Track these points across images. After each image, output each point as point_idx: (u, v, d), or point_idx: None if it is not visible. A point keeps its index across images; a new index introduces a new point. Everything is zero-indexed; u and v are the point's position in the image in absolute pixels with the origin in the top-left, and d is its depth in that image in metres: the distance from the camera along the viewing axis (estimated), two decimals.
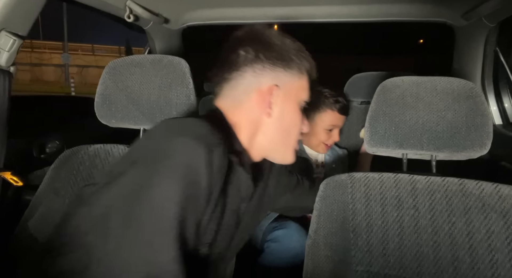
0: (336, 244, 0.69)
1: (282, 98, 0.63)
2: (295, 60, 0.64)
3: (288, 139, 0.67)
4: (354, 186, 0.71)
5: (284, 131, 0.66)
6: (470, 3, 1.16)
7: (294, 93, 0.65)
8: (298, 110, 0.67)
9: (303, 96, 0.67)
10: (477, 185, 0.65)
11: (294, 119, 0.66)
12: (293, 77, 0.64)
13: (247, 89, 0.62)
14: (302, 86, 0.67)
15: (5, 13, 0.72)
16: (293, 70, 0.64)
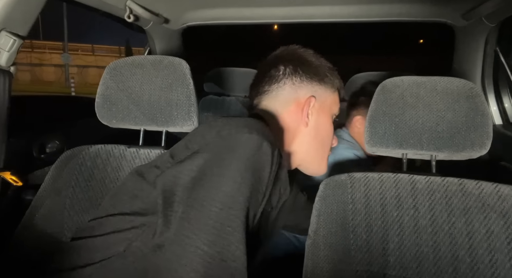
0: (336, 244, 0.69)
1: (318, 109, 0.69)
2: (329, 76, 0.71)
3: (322, 149, 0.72)
4: (354, 186, 0.71)
5: (319, 141, 0.71)
6: (470, 3, 1.16)
7: (328, 105, 0.71)
8: (331, 123, 0.72)
9: (335, 110, 0.74)
10: (477, 185, 0.65)
11: (328, 130, 0.72)
12: (327, 91, 0.71)
13: (286, 100, 0.68)
14: (335, 100, 0.73)
15: (5, 13, 0.72)
16: (327, 85, 0.71)
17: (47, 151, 1.19)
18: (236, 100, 1.76)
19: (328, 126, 0.72)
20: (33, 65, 22.90)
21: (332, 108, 0.73)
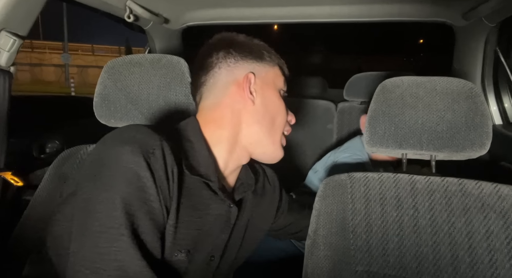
0: (336, 244, 0.69)
1: (261, 85, 0.66)
2: (265, 53, 0.68)
3: (273, 127, 0.67)
4: (354, 186, 0.71)
5: (269, 117, 0.66)
6: (470, 3, 1.16)
7: (271, 80, 0.68)
8: (280, 97, 0.69)
9: (280, 84, 0.70)
10: (477, 185, 0.65)
11: (277, 105, 0.68)
12: (266, 67, 0.67)
13: (225, 84, 0.65)
14: (277, 74, 0.69)
15: (5, 13, 0.72)
16: (264, 61, 0.67)
17: (47, 151, 1.19)
18: None
19: (277, 101, 0.68)
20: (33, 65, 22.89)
21: (277, 83, 0.69)
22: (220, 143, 0.64)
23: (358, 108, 1.69)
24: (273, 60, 0.69)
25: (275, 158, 0.69)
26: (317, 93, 2.29)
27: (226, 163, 0.65)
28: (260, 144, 0.66)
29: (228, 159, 0.65)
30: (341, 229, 0.70)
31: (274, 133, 0.67)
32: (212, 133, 0.64)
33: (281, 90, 0.70)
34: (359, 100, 1.70)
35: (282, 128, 0.69)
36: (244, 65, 0.65)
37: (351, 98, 1.72)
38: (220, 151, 0.64)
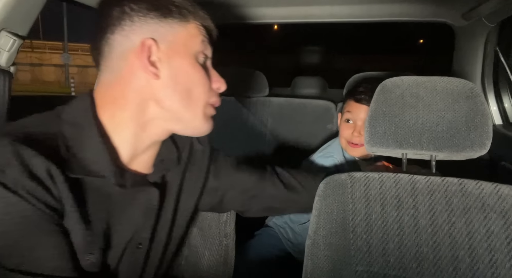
0: (336, 244, 0.69)
1: (167, 53, 0.53)
2: (173, 8, 0.54)
3: (191, 102, 0.56)
4: (354, 186, 0.71)
5: (182, 92, 0.55)
6: (470, 3, 1.16)
7: (182, 44, 0.55)
8: (197, 64, 0.57)
9: (197, 47, 0.56)
10: (477, 185, 0.65)
11: (192, 76, 0.56)
12: (174, 26, 0.54)
13: (121, 53, 0.52)
14: (191, 35, 0.56)
15: (5, 13, 0.72)
16: (173, 18, 0.54)
17: None
18: (236, 100, 1.76)
19: (190, 70, 0.56)
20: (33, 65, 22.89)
21: (191, 46, 0.56)
22: (122, 127, 0.54)
23: None
24: (185, 15, 0.55)
25: (201, 132, 0.60)
26: (317, 93, 2.28)
27: (134, 147, 0.56)
28: (177, 121, 0.57)
29: (136, 141, 0.56)
30: (341, 229, 0.70)
31: (193, 106, 0.56)
32: (111, 115, 0.53)
33: (201, 54, 0.57)
34: None
35: (204, 99, 0.57)
36: (143, 27, 0.52)
37: None
38: (124, 136, 0.54)
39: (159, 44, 0.53)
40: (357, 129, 1.06)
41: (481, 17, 1.16)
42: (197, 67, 0.56)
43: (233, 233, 0.79)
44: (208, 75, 0.59)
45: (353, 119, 1.07)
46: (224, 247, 0.77)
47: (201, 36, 0.57)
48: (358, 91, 1.07)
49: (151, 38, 0.52)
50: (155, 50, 0.52)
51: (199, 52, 0.57)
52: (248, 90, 1.76)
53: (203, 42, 0.57)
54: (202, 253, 0.77)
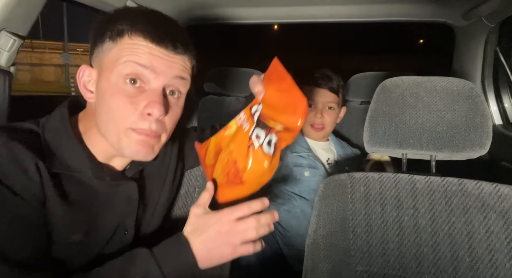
0: (336, 244, 0.69)
1: (97, 77, 0.58)
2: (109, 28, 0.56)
3: (112, 125, 0.56)
4: (354, 186, 0.71)
5: (104, 115, 0.57)
6: (470, 3, 1.16)
7: (107, 67, 0.56)
8: (119, 87, 0.55)
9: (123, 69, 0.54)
10: (477, 185, 0.65)
11: (110, 99, 0.55)
12: (105, 50, 0.56)
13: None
14: (117, 57, 0.55)
15: (5, 13, 0.72)
16: (107, 42, 0.56)
17: None
18: (236, 100, 1.76)
19: (109, 93, 0.55)
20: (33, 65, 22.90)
21: (116, 68, 0.54)
22: (92, 134, 0.60)
23: (358, 108, 1.69)
24: (119, 34, 0.55)
25: (131, 154, 0.58)
26: None
27: (106, 151, 0.61)
28: (107, 139, 0.58)
29: (106, 147, 0.60)
30: (341, 229, 0.70)
31: (114, 131, 0.56)
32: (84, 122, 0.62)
33: (129, 75, 0.54)
34: (359, 100, 1.70)
35: (123, 125, 0.55)
36: (92, 52, 0.59)
37: (351, 98, 1.72)
38: (95, 141, 0.60)
39: (94, 69, 0.59)
40: (319, 111, 1.16)
41: (481, 17, 1.16)
42: (115, 91, 0.54)
43: None
44: (137, 100, 0.55)
45: (313, 103, 1.17)
46: None
47: (133, 55, 0.54)
48: (316, 77, 1.17)
49: (88, 64, 0.59)
50: (87, 74, 0.59)
51: (126, 74, 0.54)
52: (248, 90, 1.76)
53: (134, 62, 0.54)
54: None
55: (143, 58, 0.54)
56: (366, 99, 1.67)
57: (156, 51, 0.55)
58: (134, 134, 0.56)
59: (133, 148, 0.57)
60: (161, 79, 0.56)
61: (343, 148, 1.28)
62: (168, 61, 0.56)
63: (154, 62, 0.55)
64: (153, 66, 0.55)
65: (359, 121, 1.65)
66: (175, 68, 0.58)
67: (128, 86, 0.55)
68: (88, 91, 0.59)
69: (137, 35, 0.55)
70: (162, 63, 0.56)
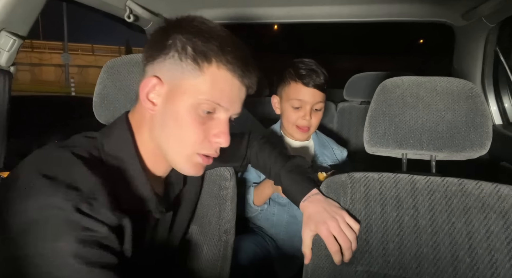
0: None
1: (167, 94, 0.56)
2: (191, 51, 0.55)
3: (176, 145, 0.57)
4: (354, 186, 0.71)
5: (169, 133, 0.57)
6: (470, 3, 1.16)
7: (184, 91, 0.56)
8: (193, 114, 0.56)
9: (200, 97, 0.55)
10: (477, 185, 0.65)
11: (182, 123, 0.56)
12: (185, 72, 0.55)
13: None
14: (199, 85, 0.55)
15: (5, 13, 0.72)
16: (186, 64, 0.55)
17: None
18: None
19: (182, 117, 0.55)
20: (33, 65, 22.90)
21: (194, 95, 0.54)
22: (145, 150, 0.58)
23: (358, 108, 1.69)
24: (201, 63, 0.54)
25: (185, 172, 0.60)
26: None
27: (155, 169, 0.61)
28: (166, 154, 0.58)
29: (154, 165, 0.60)
30: None
31: (177, 150, 0.57)
32: (142, 137, 0.58)
33: (204, 105, 0.55)
34: (359, 100, 1.70)
35: (191, 149, 0.57)
36: (160, 65, 0.55)
37: (351, 98, 1.72)
38: (152, 160, 0.59)
39: (164, 84, 0.55)
40: (307, 113, 1.05)
41: (481, 17, 1.16)
42: (191, 117, 0.55)
43: (233, 230, 0.79)
44: (207, 127, 0.57)
45: (302, 103, 1.06)
46: (224, 243, 0.78)
47: (216, 95, 0.55)
48: (303, 74, 1.04)
49: (156, 76, 0.55)
50: (157, 88, 0.55)
51: (201, 104, 0.55)
52: None
53: (213, 93, 0.55)
54: (200, 249, 0.78)
55: (225, 97, 0.56)
56: (366, 99, 1.67)
57: (237, 86, 0.57)
58: (198, 158, 0.58)
59: (193, 169, 0.59)
60: (232, 111, 0.59)
61: (324, 148, 1.18)
62: (240, 92, 0.58)
63: (233, 96, 0.57)
64: (231, 102, 0.57)
65: (359, 121, 1.65)
66: (243, 97, 0.60)
67: (204, 114, 0.56)
68: (150, 102, 0.56)
69: (226, 68, 0.55)
70: (237, 95, 0.58)
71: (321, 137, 1.22)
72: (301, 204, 0.72)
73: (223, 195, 0.79)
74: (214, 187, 0.79)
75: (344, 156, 1.22)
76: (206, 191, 0.80)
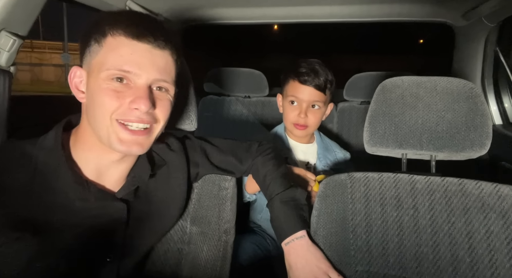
0: (336, 244, 0.69)
1: (86, 78, 0.60)
2: (93, 31, 0.58)
3: (99, 119, 0.58)
4: (354, 186, 0.71)
5: (93, 111, 0.59)
6: (470, 3, 1.16)
7: (95, 67, 0.58)
8: (104, 84, 0.57)
9: (106, 65, 0.57)
10: (477, 185, 0.65)
11: (97, 95, 0.58)
12: (92, 51, 0.59)
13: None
14: (103, 55, 0.57)
15: (5, 13, 0.72)
16: (92, 45, 0.59)
17: None
18: (236, 100, 1.76)
19: (97, 89, 0.57)
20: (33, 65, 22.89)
21: (100, 65, 0.57)
22: (80, 143, 0.61)
23: (358, 108, 1.69)
24: (102, 34, 0.57)
25: (116, 149, 0.59)
26: None
27: (97, 157, 0.61)
28: (98, 135, 0.59)
29: (95, 158, 0.61)
30: (341, 229, 0.70)
31: (101, 125, 0.58)
32: (76, 134, 0.62)
33: (111, 71, 0.56)
34: (359, 100, 1.70)
35: (107, 118, 0.57)
36: (83, 56, 0.60)
37: (351, 98, 1.72)
38: (84, 149, 0.61)
39: (83, 70, 0.60)
40: (303, 110, 1.06)
41: (481, 17, 1.16)
42: (102, 90, 0.57)
43: (233, 230, 0.79)
44: (123, 95, 0.57)
45: (298, 101, 1.07)
46: (224, 243, 0.78)
47: (117, 59, 0.56)
48: (302, 73, 1.05)
49: (79, 65, 0.60)
50: (78, 75, 0.60)
51: (108, 75, 0.56)
52: (248, 90, 1.76)
53: (118, 69, 0.56)
54: (200, 249, 0.78)
55: (126, 61, 0.57)
56: (366, 99, 1.67)
57: (138, 47, 0.57)
58: (120, 130, 0.58)
59: (119, 144, 0.58)
60: (145, 76, 0.58)
61: (327, 151, 1.18)
62: (150, 56, 0.58)
63: (138, 60, 0.57)
64: (137, 65, 0.57)
65: (359, 121, 1.65)
66: (158, 62, 0.59)
67: (115, 83, 0.57)
68: (79, 92, 0.60)
69: (119, 33, 0.57)
70: (145, 59, 0.58)
71: (325, 141, 1.23)
72: (284, 246, 0.72)
73: (223, 195, 0.79)
74: (214, 187, 0.79)
75: (347, 159, 1.22)
76: (206, 191, 0.80)
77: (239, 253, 0.97)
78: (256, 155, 0.82)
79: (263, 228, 1.14)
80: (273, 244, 1.12)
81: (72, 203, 0.58)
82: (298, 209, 0.74)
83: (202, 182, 0.81)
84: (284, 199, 0.75)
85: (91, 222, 0.60)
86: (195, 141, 0.80)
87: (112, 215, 0.63)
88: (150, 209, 0.69)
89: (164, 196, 0.72)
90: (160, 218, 0.72)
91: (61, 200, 0.57)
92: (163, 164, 0.71)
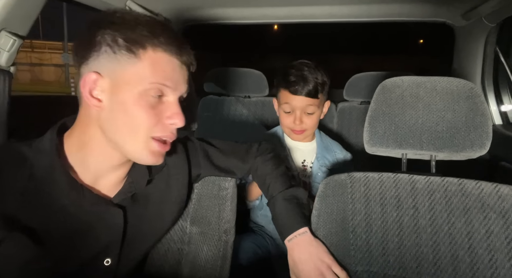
0: (336, 244, 0.69)
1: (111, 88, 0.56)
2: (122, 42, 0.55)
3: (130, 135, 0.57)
4: (354, 186, 0.71)
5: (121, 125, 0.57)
6: (470, 3, 1.16)
7: (127, 81, 0.56)
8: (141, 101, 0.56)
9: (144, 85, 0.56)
10: (477, 185, 0.65)
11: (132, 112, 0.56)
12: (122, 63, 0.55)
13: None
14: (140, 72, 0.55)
15: (5, 13, 0.72)
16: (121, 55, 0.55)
17: None
18: (236, 100, 1.76)
19: (132, 106, 0.55)
20: (33, 65, 22.89)
21: (137, 83, 0.55)
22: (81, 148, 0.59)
23: (358, 108, 1.69)
24: (136, 51, 0.54)
25: (146, 163, 0.61)
26: None
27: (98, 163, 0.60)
28: (121, 149, 0.59)
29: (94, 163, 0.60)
30: (341, 229, 0.70)
31: (132, 140, 0.57)
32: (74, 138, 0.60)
33: (151, 91, 0.56)
34: (359, 100, 1.70)
35: (145, 135, 0.57)
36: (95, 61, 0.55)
37: (351, 98, 1.72)
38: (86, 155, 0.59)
39: (104, 78, 0.55)
40: (297, 118, 1.06)
41: (481, 17, 1.16)
42: (140, 105, 0.55)
43: (233, 230, 0.79)
44: (159, 111, 0.58)
45: (291, 109, 1.07)
46: (224, 243, 0.78)
47: (160, 76, 0.56)
48: (291, 82, 1.04)
49: (95, 71, 0.55)
50: (99, 84, 0.55)
51: (148, 89, 0.56)
52: (248, 90, 1.76)
53: (161, 83, 0.56)
54: (200, 248, 0.78)
55: (168, 77, 0.57)
56: (366, 99, 1.67)
57: (176, 63, 0.58)
58: (154, 144, 0.59)
59: (152, 157, 0.59)
60: (179, 92, 0.60)
61: (326, 151, 1.17)
62: (182, 71, 0.60)
63: (176, 76, 0.58)
64: (176, 81, 0.58)
65: (359, 121, 1.65)
66: (186, 76, 0.61)
67: (153, 99, 0.57)
68: (95, 99, 0.55)
69: (162, 49, 0.56)
70: (180, 75, 0.59)
71: (325, 140, 1.21)
72: (287, 243, 0.72)
73: (223, 195, 0.79)
74: (214, 187, 0.79)
75: (347, 160, 1.21)
76: (206, 191, 0.80)
77: (239, 253, 0.97)
78: (256, 154, 0.82)
79: (263, 228, 1.14)
80: (273, 244, 1.12)
81: (67, 208, 0.57)
82: (300, 207, 0.75)
83: (202, 182, 0.81)
84: (287, 197, 0.75)
85: (87, 227, 0.59)
86: (196, 142, 0.80)
87: (108, 221, 0.62)
88: (149, 212, 0.69)
89: (163, 197, 0.71)
90: (158, 221, 0.71)
91: (56, 204, 0.57)
92: (162, 165, 0.70)
